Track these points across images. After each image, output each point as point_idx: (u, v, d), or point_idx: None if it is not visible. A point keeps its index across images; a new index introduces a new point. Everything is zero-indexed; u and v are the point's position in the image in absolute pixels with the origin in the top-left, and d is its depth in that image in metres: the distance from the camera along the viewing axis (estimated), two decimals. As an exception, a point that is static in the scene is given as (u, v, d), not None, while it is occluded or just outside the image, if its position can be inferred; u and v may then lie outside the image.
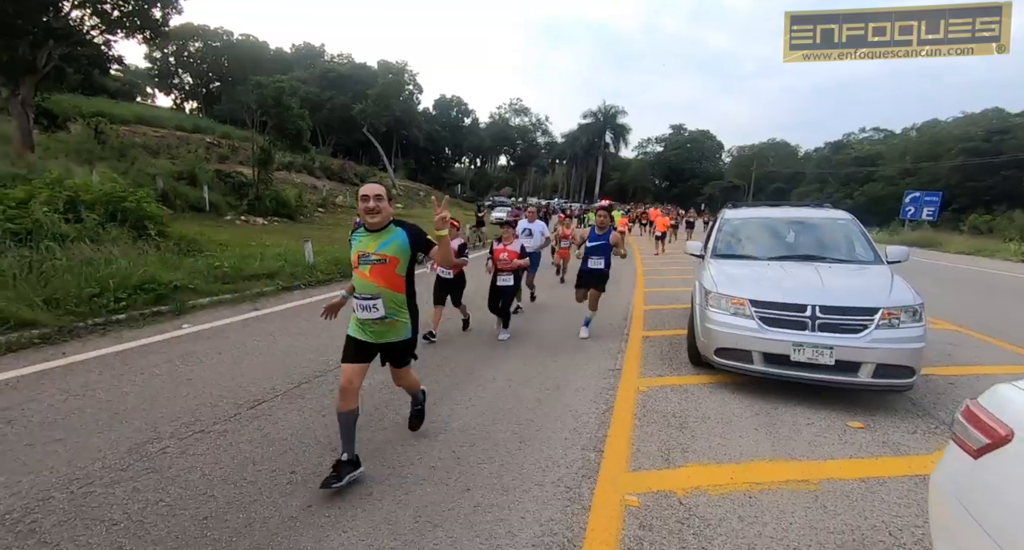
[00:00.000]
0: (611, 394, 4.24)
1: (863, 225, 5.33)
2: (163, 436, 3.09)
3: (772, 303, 4.06)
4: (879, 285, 4.14)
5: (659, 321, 7.08)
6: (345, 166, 40.47)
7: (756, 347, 4.03)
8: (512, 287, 5.91)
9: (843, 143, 69.58)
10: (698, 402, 4.07)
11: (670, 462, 3.07)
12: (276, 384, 4.09)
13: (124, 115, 30.57)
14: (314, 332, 5.71)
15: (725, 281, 4.49)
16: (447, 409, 3.79)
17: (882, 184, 49.41)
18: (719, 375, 4.56)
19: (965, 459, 1.48)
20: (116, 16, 15.71)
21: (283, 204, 22.08)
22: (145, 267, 6.47)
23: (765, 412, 3.86)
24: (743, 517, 2.50)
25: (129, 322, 5.52)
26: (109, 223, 8.62)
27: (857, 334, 3.78)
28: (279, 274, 8.43)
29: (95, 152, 19.45)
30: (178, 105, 55.76)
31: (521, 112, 70.48)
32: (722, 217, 5.83)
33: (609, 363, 5.11)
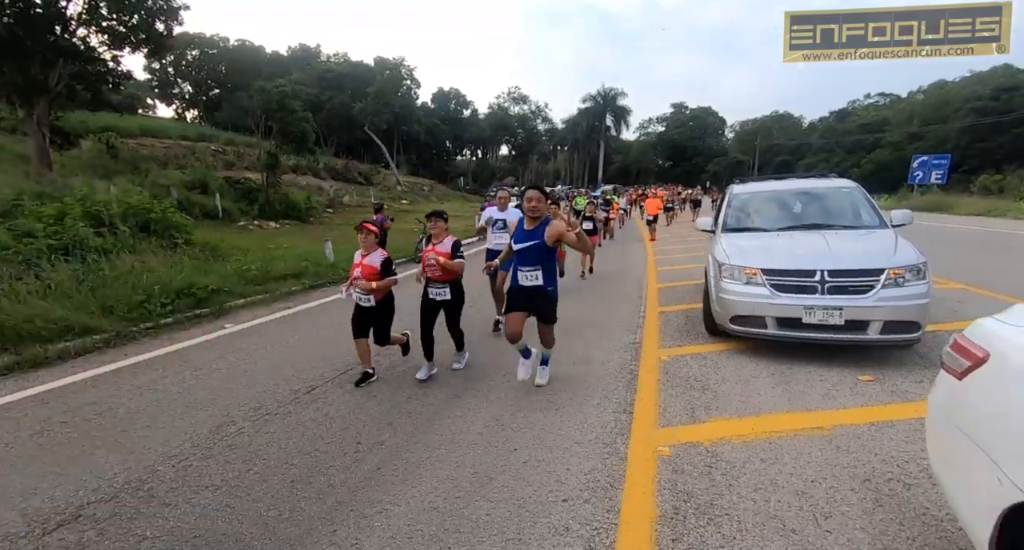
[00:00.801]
0: (634, 365, 4.53)
1: (869, 192, 5.53)
2: (237, 419, 3.44)
3: (782, 270, 4.31)
4: (884, 247, 4.36)
5: (674, 297, 7.33)
6: (349, 165, 40.78)
7: (769, 313, 4.29)
8: (453, 301, 4.25)
9: (848, 111, 68.51)
10: (717, 367, 4.35)
11: (695, 419, 3.37)
12: (323, 372, 4.44)
13: (130, 128, 31.03)
14: (346, 325, 6.05)
15: (737, 253, 4.73)
16: (485, 386, 4.11)
17: (889, 150, 48.75)
18: (735, 342, 4.83)
19: (952, 382, 1.75)
20: (121, 31, 16.01)
21: (293, 207, 22.47)
22: (182, 273, 6.84)
23: (781, 372, 4.13)
24: (764, 459, 2.79)
25: (176, 325, 5.90)
26: (140, 234, 9.03)
27: (864, 294, 4.02)
28: (304, 274, 8.79)
29: (109, 167, 19.96)
30: (179, 114, 56.24)
31: (520, 100, 70.23)
32: (730, 192, 6.04)
33: (629, 338, 5.39)
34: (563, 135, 70.74)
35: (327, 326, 6.04)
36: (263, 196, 21.99)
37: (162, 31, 16.45)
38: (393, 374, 4.39)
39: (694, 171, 70.22)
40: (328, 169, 38.13)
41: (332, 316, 6.55)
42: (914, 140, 45.84)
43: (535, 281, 3.80)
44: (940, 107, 45.45)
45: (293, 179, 30.66)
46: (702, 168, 70.35)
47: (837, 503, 2.38)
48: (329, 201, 28.55)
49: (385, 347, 4.53)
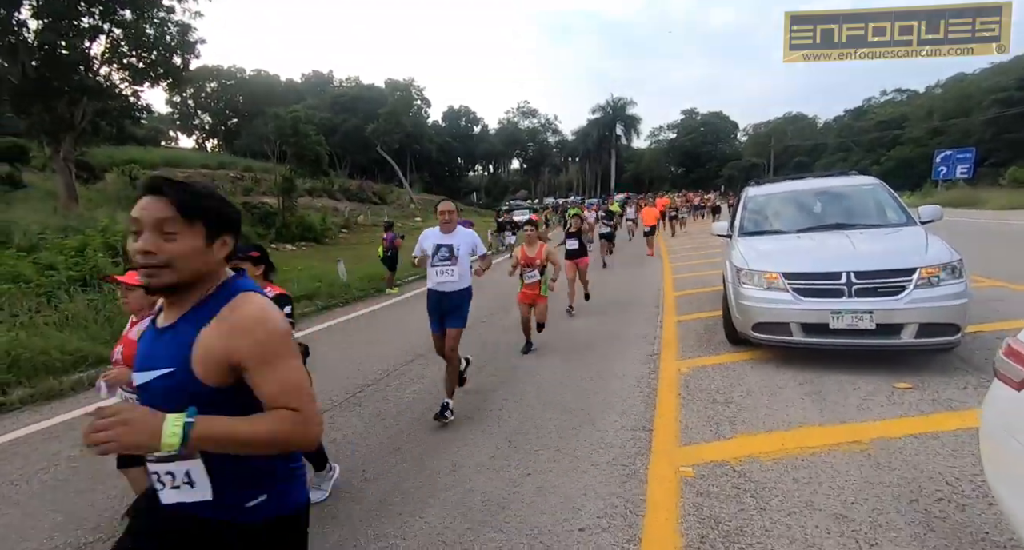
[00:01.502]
0: (653, 377, 4.33)
1: (892, 189, 5.28)
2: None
3: (805, 274, 4.10)
4: (914, 245, 4.12)
5: (691, 305, 7.10)
6: (363, 186, 41.47)
7: (793, 318, 4.06)
8: None
9: (864, 109, 67.27)
10: (740, 378, 4.13)
11: (719, 435, 3.16)
12: (332, 395, 4.35)
13: (153, 160, 32.24)
14: (358, 346, 5.99)
15: (755, 257, 4.53)
16: (496, 404, 3.96)
17: (910, 146, 47.56)
18: (759, 351, 4.60)
19: (1009, 392, 1.55)
20: (141, 67, 16.64)
21: (309, 229, 22.85)
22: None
23: (810, 381, 3.89)
24: (797, 479, 2.57)
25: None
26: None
27: (896, 296, 3.78)
28: (316, 295, 8.80)
29: (133, 198, 20.52)
30: (200, 144, 58.18)
31: (529, 114, 70.78)
32: (746, 195, 5.85)
33: (647, 349, 5.19)
34: (574, 146, 70.91)
35: (339, 346, 5.99)
36: (279, 219, 22.42)
37: (179, 65, 17.02)
38: (403, 395, 4.27)
39: (708, 177, 69.52)
40: (343, 190, 38.80)
41: (345, 336, 6.51)
42: (936, 135, 44.63)
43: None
44: (961, 100, 44.29)
45: (309, 202, 31.25)
46: (716, 173, 69.61)
47: (882, 528, 2.16)
48: (344, 222, 28.94)
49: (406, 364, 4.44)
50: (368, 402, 4.15)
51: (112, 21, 15.81)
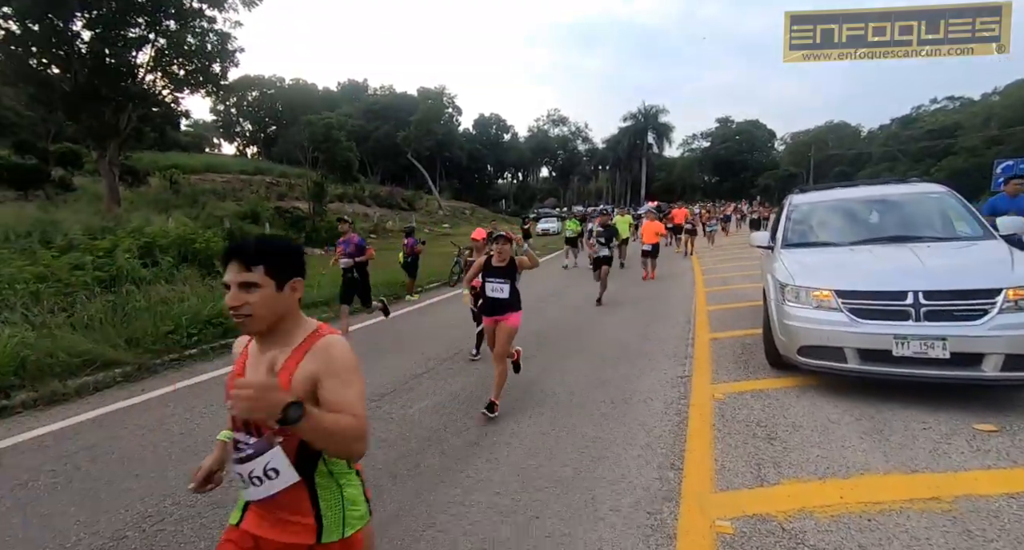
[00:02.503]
0: (683, 403, 3.89)
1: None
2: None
3: (863, 292, 3.59)
4: (996, 262, 3.55)
5: (726, 321, 6.57)
6: (393, 192, 42.00)
7: (849, 343, 3.55)
8: None
9: (912, 117, 64.11)
10: (785, 408, 3.64)
11: (762, 479, 2.70)
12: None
13: (195, 165, 33.47)
14: (369, 355, 5.74)
15: (802, 271, 4.04)
16: (509, 427, 3.59)
17: (964, 156, 44.84)
18: (805, 377, 4.09)
19: None
20: (182, 75, 17.21)
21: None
22: (213, 303, 6.81)
23: (868, 416, 3.37)
24: (865, 546, 2.11)
25: (200, 356, 5.77)
26: (182, 264, 9.25)
27: (976, 321, 3.23)
28: (333, 301, 8.64)
29: (171, 201, 21.31)
30: (241, 151, 60.46)
31: (559, 122, 70.55)
32: (789, 203, 5.33)
33: (677, 370, 4.74)
34: (604, 154, 70.13)
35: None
36: (310, 224, 22.80)
37: (219, 72, 17.52)
38: (408, 413, 3.96)
39: (744, 185, 67.53)
40: (373, 196, 39.37)
41: (356, 345, 6.27)
42: (993, 144, 41.93)
43: None
44: (1023, 107, 41.51)
45: (340, 207, 31.79)
46: (751, 182, 67.55)
47: (982, 624, 1.69)
48: (373, 227, 29.23)
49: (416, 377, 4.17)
50: (372, 420, 3.84)
51: (157, 31, 16.43)
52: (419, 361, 5.44)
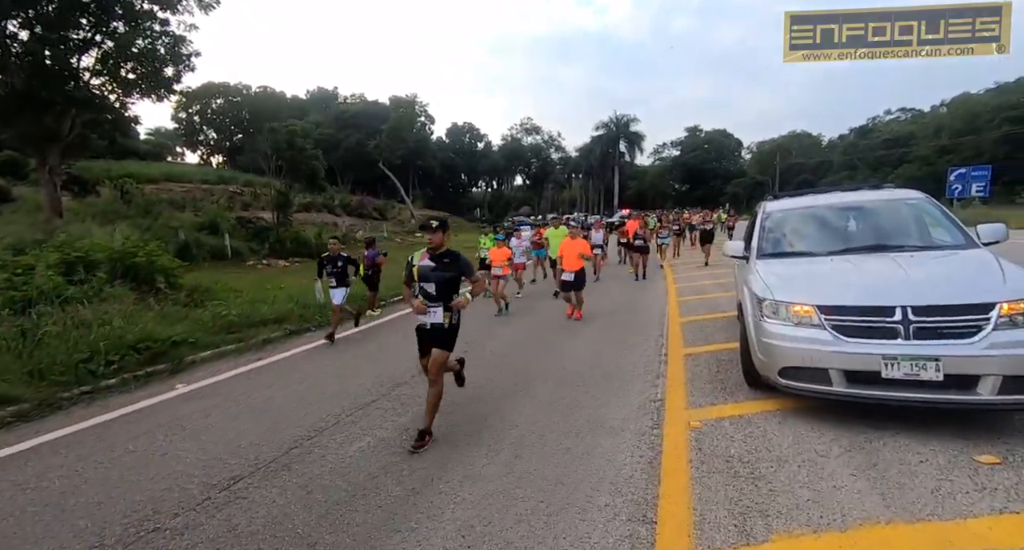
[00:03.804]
0: (656, 433, 3.49)
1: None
2: (107, 543, 2.52)
3: (847, 308, 3.27)
4: (986, 273, 3.30)
5: (700, 334, 6.26)
6: (363, 201, 41.03)
7: (834, 364, 3.22)
8: None
9: (869, 127, 66.91)
10: (767, 438, 3.28)
11: (749, 535, 2.31)
12: (261, 451, 3.52)
13: (152, 174, 31.87)
14: (309, 379, 5.18)
15: (780, 285, 3.72)
16: (460, 470, 3.12)
17: (918, 164, 46.88)
18: (784, 398, 3.76)
19: None
20: (131, 78, 16.24)
21: (304, 244, 22.25)
22: (142, 324, 6.12)
23: (857, 446, 3.04)
24: (875, 631, 1.72)
25: (120, 386, 5.10)
26: (118, 280, 8.45)
27: (969, 339, 2.94)
28: (288, 318, 8.02)
29: (121, 212, 20.06)
30: (205, 160, 58.34)
31: (533, 131, 70.83)
32: (763, 210, 5.05)
33: (649, 391, 4.35)
34: (577, 163, 70.68)
35: (294, 382, 5.17)
36: (274, 234, 21.85)
37: (171, 77, 16.62)
38: (347, 453, 3.44)
39: (713, 193, 68.99)
40: (343, 205, 38.35)
41: (303, 368, 5.70)
42: (944, 153, 44.00)
43: None
44: (970, 119, 43.72)
45: (308, 217, 30.76)
46: (721, 190, 69.08)
47: None
48: (342, 237, 28.35)
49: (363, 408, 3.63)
50: (300, 464, 3.32)
51: (104, 33, 15.46)
52: (370, 386, 4.91)
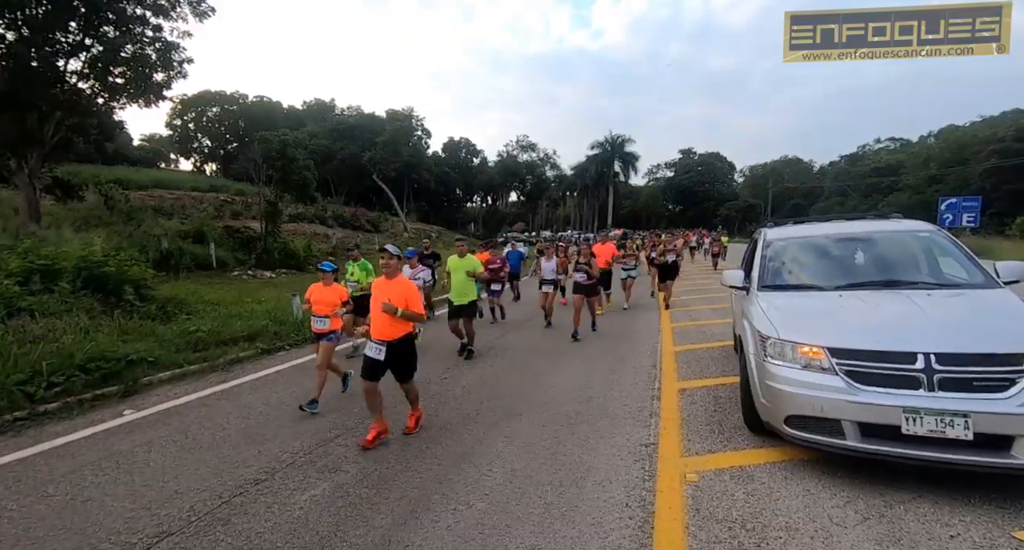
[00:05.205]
0: (648, 487, 3.11)
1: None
2: None
3: (862, 352, 2.94)
4: (1015, 317, 2.99)
5: (696, 366, 5.91)
6: (357, 213, 40.71)
7: (847, 415, 2.88)
8: None
9: (859, 155, 68.15)
10: (773, 498, 2.90)
11: (758, 634, 1.92)
12: (203, 497, 3.09)
13: (142, 181, 31.42)
14: (279, 410, 4.74)
15: (786, 322, 3.39)
16: (423, 529, 2.71)
17: (908, 193, 47.53)
18: (790, 447, 3.40)
19: None
20: (119, 83, 15.94)
21: (291, 255, 21.80)
22: (95, 341, 5.66)
23: (876, 513, 2.68)
24: None
25: (60, 413, 4.63)
26: (83, 291, 7.98)
27: (1002, 393, 2.62)
28: (260, 335, 7.57)
29: (104, 218, 19.54)
30: (198, 168, 57.91)
31: (528, 148, 71.21)
32: (763, 238, 4.76)
33: (641, 433, 3.98)
34: (572, 181, 71.04)
35: (256, 410, 4.73)
36: (261, 245, 21.38)
37: (161, 82, 16.33)
38: (296, 502, 3.01)
39: (705, 215, 69.60)
40: (336, 217, 37.95)
41: (268, 395, 5.26)
42: (933, 183, 44.65)
43: None
44: (957, 150, 44.54)
45: (298, 227, 30.32)
46: (713, 212, 69.69)
47: None
48: (332, 249, 27.91)
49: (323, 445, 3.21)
50: (241, 517, 2.89)
51: (93, 37, 15.19)
52: (336, 419, 4.49)
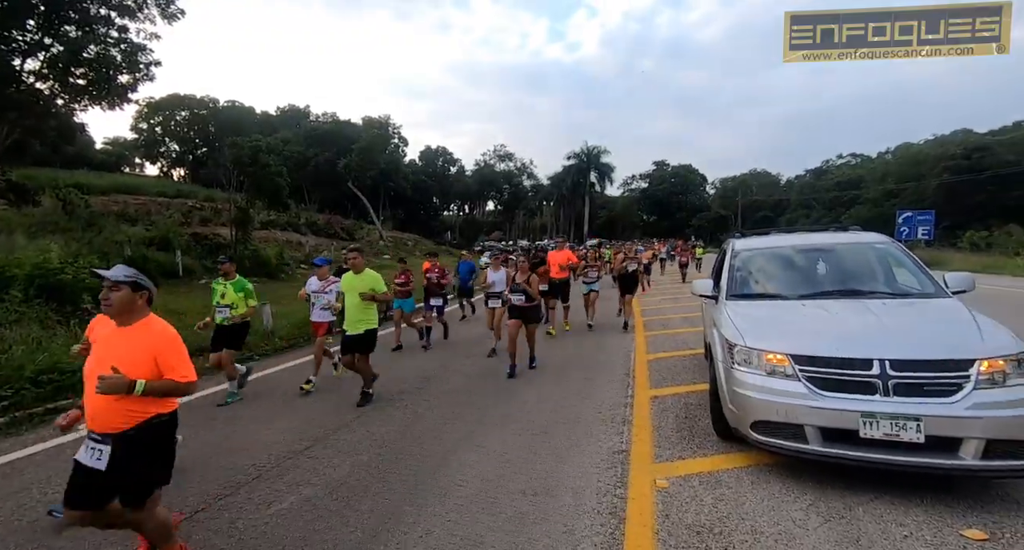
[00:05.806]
0: (620, 494, 3.14)
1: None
2: None
3: (822, 358, 3.06)
4: (960, 325, 3.16)
5: (667, 373, 6.02)
6: (331, 221, 40.11)
7: (810, 420, 2.98)
8: None
9: (823, 169, 71.05)
10: (739, 503, 2.97)
11: (723, 637, 1.95)
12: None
13: (103, 186, 30.18)
14: (244, 423, 4.60)
15: (753, 330, 3.50)
16: (395, 539, 2.66)
17: (868, 206, 49.70)
18: (756, 453, 3.49)
19: None
20: (81, 84, 15.41)
21: (263, 263, 21.27)
22: (48, 352, 5.40)
23: (836, 514, 2.77)
24: None
25: (9, 427, 4.39)
26: (36, 299, 7.62)
27: (949, 397, 2.75)
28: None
29: (62, 224, 18.70)
30: (165, 173, 56.10)
31: (505, 157, 71.68)
32: (731, 248, 4.91)
33: (613, 440, 4.02)
34: (549, 191, 71.76)
35: (221, 422, 4.57)
36: (231, 252, 20.81)
37: (126, 84, 15.87)
38: (262, 517, 2.92)
39: (679, 225, 71.17)
40: (310, 224, 37.29)
41: (236, 406, 5.11)
42: (891, 197, 46.81)
43: None
44: (912, 166, 46.90)
45: (271, 234, 29.65)
46: (686, 223, 71.35)
47: None
48: (305, 256, 27.36)
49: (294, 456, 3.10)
50: (202, 533, 2.78)
51: (53, 36, 14.68)
52: (305, 428, 4.38)
